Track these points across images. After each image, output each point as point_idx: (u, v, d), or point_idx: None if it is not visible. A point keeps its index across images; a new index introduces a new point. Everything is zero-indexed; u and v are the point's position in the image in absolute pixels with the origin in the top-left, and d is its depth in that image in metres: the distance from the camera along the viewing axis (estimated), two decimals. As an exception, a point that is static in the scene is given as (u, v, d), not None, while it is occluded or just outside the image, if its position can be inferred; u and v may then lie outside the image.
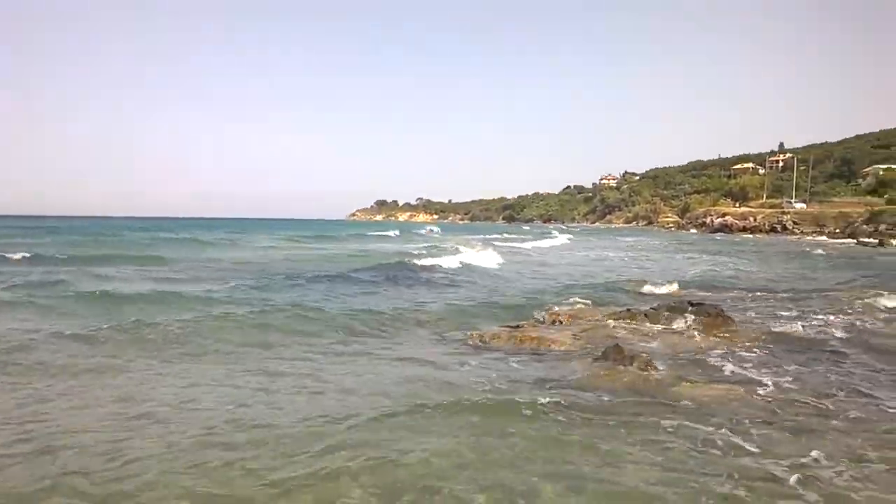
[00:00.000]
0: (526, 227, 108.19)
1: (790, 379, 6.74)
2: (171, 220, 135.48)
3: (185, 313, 9.96)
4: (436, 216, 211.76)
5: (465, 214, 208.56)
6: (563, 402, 5.71)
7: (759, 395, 6.15)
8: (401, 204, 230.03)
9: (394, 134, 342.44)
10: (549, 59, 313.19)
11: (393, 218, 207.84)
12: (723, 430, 5.06)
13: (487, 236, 53.84)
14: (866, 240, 44.35)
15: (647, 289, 14.76)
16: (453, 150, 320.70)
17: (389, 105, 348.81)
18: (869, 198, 72.33)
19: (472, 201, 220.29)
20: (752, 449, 4.70)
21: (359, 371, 6.95)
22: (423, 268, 18.90)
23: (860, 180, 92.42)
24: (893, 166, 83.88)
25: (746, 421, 5.29)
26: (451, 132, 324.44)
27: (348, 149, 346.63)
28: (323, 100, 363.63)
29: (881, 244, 40.40)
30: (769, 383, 6.55)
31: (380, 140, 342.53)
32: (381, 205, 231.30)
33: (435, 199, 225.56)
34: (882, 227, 51.88)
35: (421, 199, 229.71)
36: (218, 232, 52.54)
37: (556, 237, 53.86)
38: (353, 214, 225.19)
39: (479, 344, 8.57)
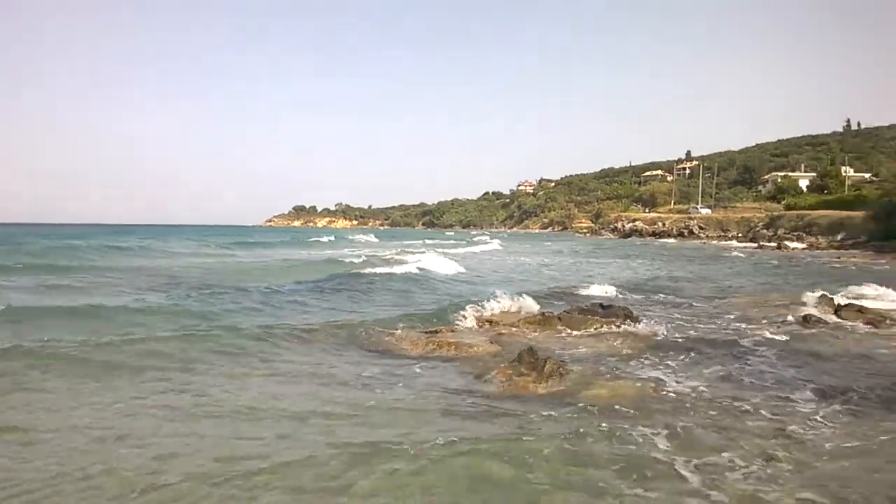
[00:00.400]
0: (450, 233, 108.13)
1: (701, 379, 6.81)
2: (65, 226, 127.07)
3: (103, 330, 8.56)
4: (355, 222, 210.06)
5: (385, 220, 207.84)
6: (472, 408, 5.62)
7: (669, 394, 6.17)
8: (319, 210, 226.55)
9: (311, 138, 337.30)
10: (469, 65, 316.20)
11: (311, 224, 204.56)
12: (632, 430, 5.01)
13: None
14: (766, 243, 45.74)
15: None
16: (373, 156, 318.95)
17: (305, 109, 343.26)
18: (768, 203, 75.67)
19: (392, 207, 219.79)
20: (662, 447, 4.65)
21: (258, 389, 6.36)
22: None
23: (761, 187, 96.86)
24: (790, 174, 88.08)
25: (656, 420, 5.28)
26: (372, 138, 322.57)
27: (264, 153, 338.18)
28: (236, 99, 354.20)
29: (779, 247, 41.70)
30: (679, 383, 6.61)
31: (297, 144, 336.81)
32: (299, 211, 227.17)
33: (354, 205, 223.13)
34: (780, 231, 53.90)
35: (340, 204, 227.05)
36: (128, 238, 48.50)
37: (490, 242, 54.06)
38: (270, 220, 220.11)
39: (395, 350, 8.25)
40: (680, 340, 8.96)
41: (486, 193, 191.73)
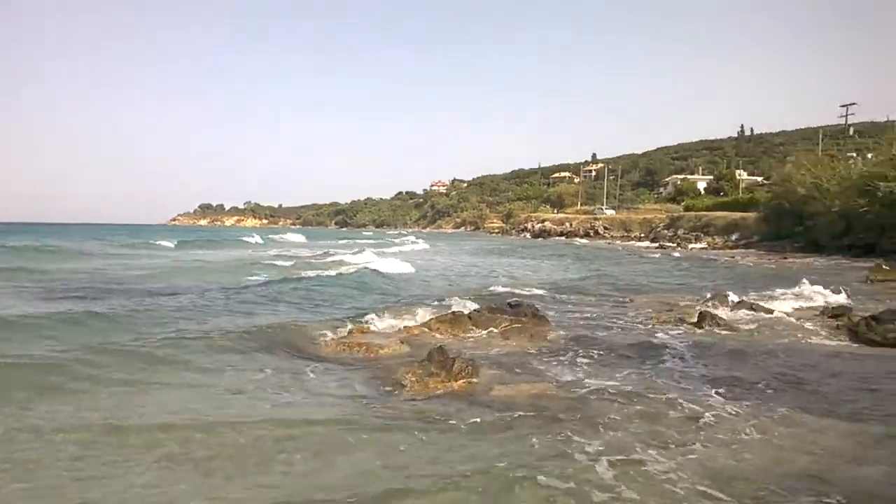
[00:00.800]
0: (368, 233, 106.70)
1: (607, 376, 6.93)
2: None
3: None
4: (265, 221, 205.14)
5: (297, 219, 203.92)
6: (381, 410, 5.55)
7: (576, 391, 6.25)
8: (227, 208, 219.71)
9: (219, 135, 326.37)
10: (380, 65, 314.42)
11: (219, 223, 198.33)
12: (541, 426, 5.05)
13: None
14: (667, 243, 47.73)
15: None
16: (284, 154, 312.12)
17: (213, 105, 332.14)
18: (669, 205, 79.02)
19: (304, 206, 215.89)
20: (572, 442, 4.69)
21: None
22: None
23: (662, 189, 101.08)
24: (689, 177, 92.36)
25: (564, 417, 5.35)
26: (282, 136, 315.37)
27: (166, 149, 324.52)
28: (144, 89, 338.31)
29: (679, 247, 43.60)
30: (586, 380, 6.71)
31: (203, 140, 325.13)
32: (206, 209, 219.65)
33: (264, 203, 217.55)
34: (680, 231, 56.37)
35: (249, 203, 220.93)
36: (20, 237, 44.66)
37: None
38: (175, 219, 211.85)
39: (305, 352, 8.06)
40: (587, 338, 9.15)
41: (400, 193, 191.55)
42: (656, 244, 49.66)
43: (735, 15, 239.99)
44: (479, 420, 5.36)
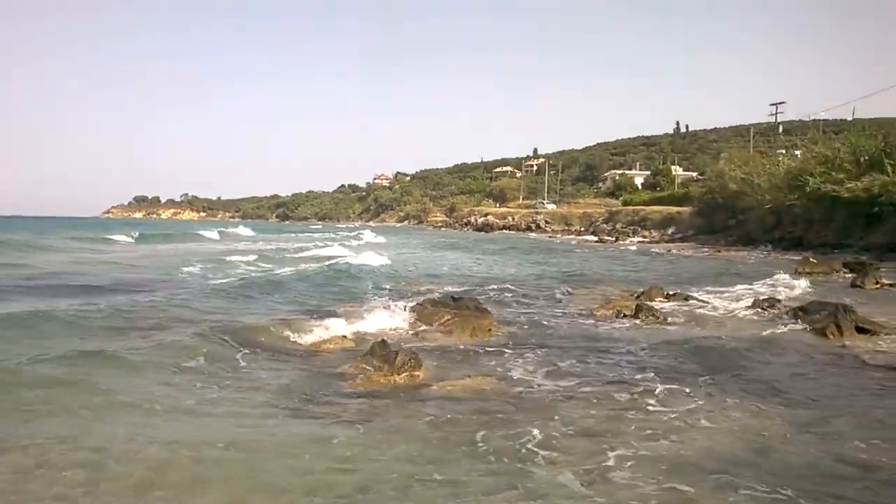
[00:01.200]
0: (316, 226, 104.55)
1: (548, 369, 6.97)
2: None
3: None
4: (203, 213, 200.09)
5: (236, 212, 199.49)
6: (319, 404, 5.45)
7: (519, 385, 6.29)
8: (163, 200, 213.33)
9: (154, 124, 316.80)
10: (320, 57, 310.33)
11: (155, 216, 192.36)
12: (482, 420, 5.06)
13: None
14: (606, 237, 48.63)
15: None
16: (222, 145, 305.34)
17: (148, 92, 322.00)
18: (608, 199, 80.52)
19: (243, 198, 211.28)
20: (515, 437, 4.68)
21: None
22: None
23: (601, 184, 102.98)
24: (627, 172, 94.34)
25: (507, 411, 5.36)
26: (220, 126, 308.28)
27: (97, 138, 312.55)
28: (72, 79, 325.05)
29: (617, 241, 44.50)
30: (528, 373, 6.75)
31: (138, 130, 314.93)
32: (141, 201, 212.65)
33: (202, 196, 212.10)
34: (618, 225, 57.61)
35: (186, 195, 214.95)
36: None
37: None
38: (108, 212, 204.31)
39: (245, 346, 7.82)
40: (528, 331, 9.25)
41: (343, 186, 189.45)
42: (595, 238, 50.55)
43: (668, 19, 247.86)
44: (420, 413, 5.33)
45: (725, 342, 8.48)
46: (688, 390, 6.06)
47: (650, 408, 5.55)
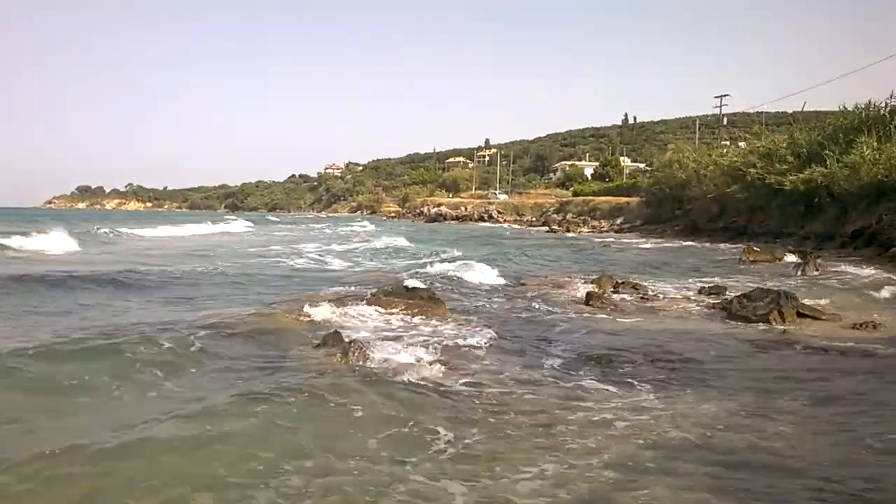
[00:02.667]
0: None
1: (497, 358, 7.01)
2: None
3: None
4: (149, 204, 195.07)
5: (184, 202, 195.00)
6: (274, 393, 5.22)
7: (470, 374, 6.31)
8: (108, 190, 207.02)
9: (98, 112, 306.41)
10: (271, 45, 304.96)
11: (99, 206, 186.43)
12: (431, 407, 5.08)
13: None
14: (556, 227, 49.12)
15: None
16: (168, 134, 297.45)
17: (91, 79, 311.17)
18: (558, 190, 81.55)
19: (191, 189, 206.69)
20: (460, 426, 4.68)
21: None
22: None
23: (552, 174, 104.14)
24: (577, 163, 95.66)
25: (457, 399, 5.38)
26: (165, 114, 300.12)
27: (37, 127, 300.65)
28: (8, 62, 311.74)
29: (568, 230, 45.01)
30: (478, 363, 6.79)
31: (80, 118, 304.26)
32: (84, 192, 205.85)
33: (148, 186, 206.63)
34: (569, 215, 58.31)
35: (131, 185, 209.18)
36: None
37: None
38: (51, 202, 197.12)
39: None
40: (480, 320, 9.25)
41: (293, 176, 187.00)
42: (546, 228, 51.04)
43: (618, 13, 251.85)
44: (368, 403, 5.28)
45: (671, 329, 8.65)
46: (632, 378, 6.14)
47: (595, 394, 5.62)
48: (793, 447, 4.30)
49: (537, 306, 10.73)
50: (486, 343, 7.74)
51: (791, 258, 17.72)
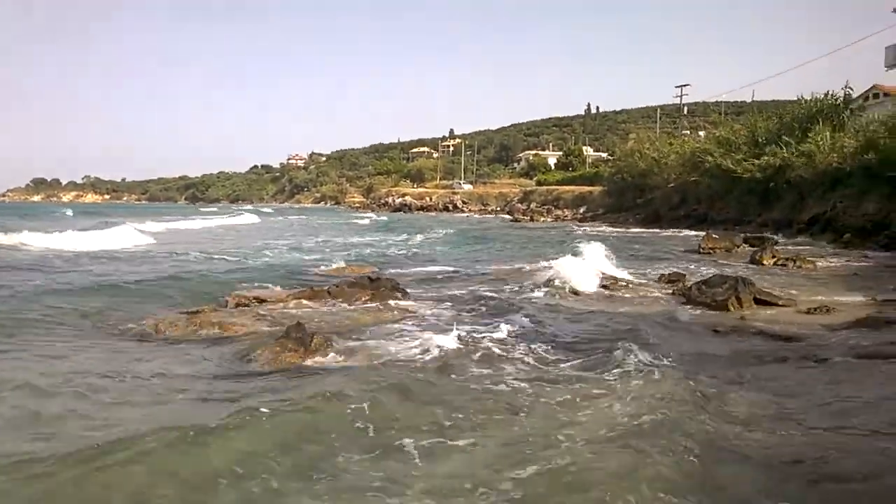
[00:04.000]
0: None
1: (463, 344, 7.02)
2: None
3: None
4: (107, 196, 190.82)
5: (143, 194, 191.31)
6: (230, 390, 5.30)
7: (430, 362, 6.31)
8: (64, 183, 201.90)
9: (52, 101, 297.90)
10: (229, 33, 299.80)
11: (55, 199, 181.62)
12: (396, 399, 5.04)
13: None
14: (521, 216, 49.41)
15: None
16: (125, 124, 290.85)
17: (45, 67, 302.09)
18: (522, 180, 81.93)
19: (150, 180, 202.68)
20: (418, 414, 4.67)
21: None
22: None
23: (516, 164, 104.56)
24: (541, 153, 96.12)
25: (423, 388, 5.37)
26: (123, 104, 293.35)
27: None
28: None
29: (531, 220, 45.25)
30: (439, 350, 6.77)
31: (33, 107, 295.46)
32: (39, 184, 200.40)
33: (105, 178, 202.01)
34: (533, 204, 58.67)
35: (88, 177, 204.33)
36: None
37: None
38: (4, 195, 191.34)
39: (154, 333, 7.64)
40: (445, 308, 9.28)
41: (255, 167, 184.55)
42: (511, 217, 51.29)
43: (579, 5, 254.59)
44: (333, 394, 5.16)
45: (630, 314, 8.74)
46: (591, 362, 6.18)
47: (554, 377, 5.67)
48: (747, 431, 4.36)
49: (500, 293, 10.74)
50: (447, 327, 7.74)
51: (748, 246, 18.07)
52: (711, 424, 4.47)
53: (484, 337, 7.38)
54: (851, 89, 29.47)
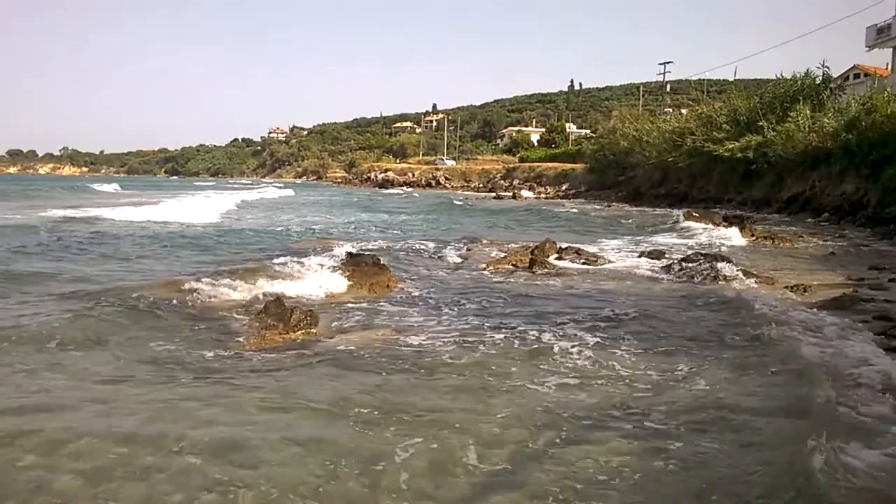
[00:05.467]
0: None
1: (443, 321, 7.06)
2: None
3: None
4: (85, 169, 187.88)
5: (122, 167, 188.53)
6: (209, 365, 5.33)
7: (412, 337, 6.32)
8: (41, 154, 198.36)
9: (27, 70, 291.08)
10: (216, 6, 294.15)
11: (31, 171, 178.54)
12: (378, 373, 5.10)
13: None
14: (503, 193, 49.34)
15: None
16: (104, 94, 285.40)
17: (22, 35, 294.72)
18: (505, 156, 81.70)
19: (129, 153, 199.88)
20: (411, 389, 4.69)
21: None
22: None
23: (499, 140, 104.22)
24: (524, 129, 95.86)
25: (398, 363, 5.40)
26: (99, 73, 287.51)
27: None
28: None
29: (514, 197, 45.21)
30: (420, 326, 6.82)
31: (8, 77, 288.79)
32: (15, 155, 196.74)
33: (83, 150, 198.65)
34: (516, 181, 58.62)
35: (66, 149, 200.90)
36: None
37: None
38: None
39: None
40: (425, 285, 9.32)
41: (236, 140, 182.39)
42: (494, 194, 51.22)
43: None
44: (314, 369, 5.25)
45: (612, 291, 8.82)
46: (574, 339, 6.22)
47: (536, 353, 5.71)
48: (728, 401, 4.45)
49: (481, 271, 10.80)
50: (428, 307, 7.78)
51: (727, 224, 18.24)
52: (695, 401, 4.55)
53: (463, 313, 7.46)
54: (828, 68, 29.57)
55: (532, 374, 5.13)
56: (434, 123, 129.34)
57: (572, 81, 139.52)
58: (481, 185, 65.51)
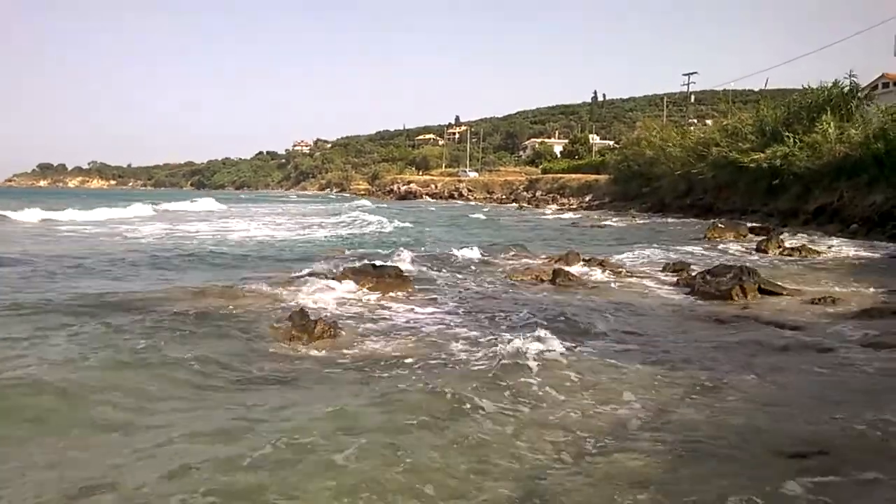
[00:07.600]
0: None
1: (464, 332, 7.04)
2: None
3: None
4: (113, 182, 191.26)
5: (149, 180, 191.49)
6: (240, 375, 5.37)
7: (434, 348, 6.34)
8: (70, 168, 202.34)
9: (59, 86, 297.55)
10: (235, 20, 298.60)
11: (61, 184, 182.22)
12: (398, 383, 5.01)
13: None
14: (526, 205, 49.32)
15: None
16: (132, 110, 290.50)
17: (52, 52, 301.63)
18: (528, 168, 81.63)
19: (156, 166, 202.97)
20: (424, 395, 4.60)
21: None
22: None
23: (521, 152, 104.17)
24: (547, 140, 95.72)
25: (419, 372, 5.41)
26: (130, 90, 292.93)
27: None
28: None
29: (537, 207, 45.16)
30: (440, 337, 6.82)
31: (42, 93, 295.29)
32: (46, 169, 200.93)
33: (112, 163, 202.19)
34: (538, 193, 58.51)
35: (94, 162, 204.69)
36: None
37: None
38: (10, 180, 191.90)
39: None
40: (447, 296, 9.30)
41: (261, 153, 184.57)
42: (517, 205, 51.19)
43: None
44: (336, 379, 5.28)
45: (635, 305, 8.73)
46: (593, 353, 6.17)
47: (555, 367, 5.63)
48: (741, 421, 4.38)
49: (504, 283, 10.77)
50: (450, 318, 7.77)
51: (754, 236, 18.03)
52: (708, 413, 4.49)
53: (484, 325, 7.44)
54: (856, 77, 29.11)
55: (544, 387, 5.07)
56: (457, 135, 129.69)
57: (595, 92, 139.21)
58: (503, 197, 65.50)
